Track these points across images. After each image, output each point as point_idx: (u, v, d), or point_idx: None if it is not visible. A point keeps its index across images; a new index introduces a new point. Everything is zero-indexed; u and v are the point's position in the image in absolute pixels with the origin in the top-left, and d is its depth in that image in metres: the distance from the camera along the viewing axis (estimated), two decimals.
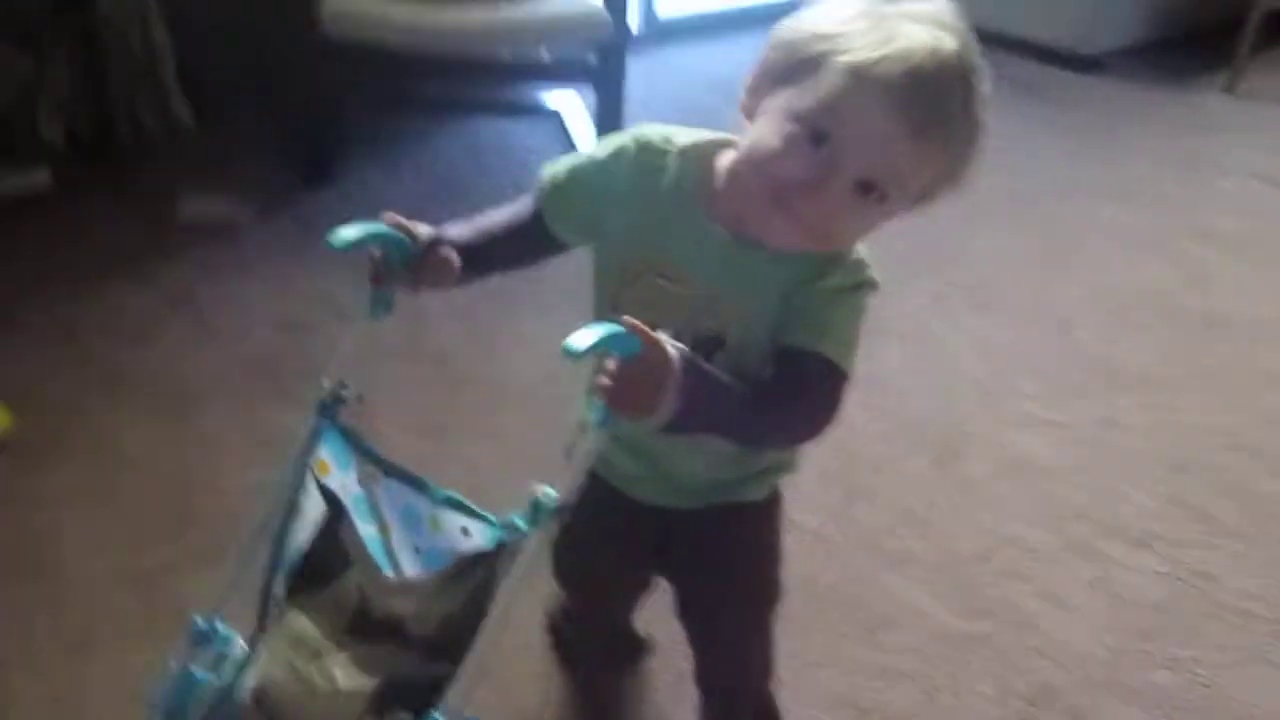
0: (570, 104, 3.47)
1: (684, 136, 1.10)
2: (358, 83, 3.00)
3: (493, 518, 1.02)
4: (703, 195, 1.05)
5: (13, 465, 1.93)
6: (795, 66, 0.96)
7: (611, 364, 0.90)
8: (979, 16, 1.00)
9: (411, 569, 1.03)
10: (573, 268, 1.14)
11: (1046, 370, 2.37)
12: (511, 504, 0.98)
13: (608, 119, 3.04)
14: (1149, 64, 4.29)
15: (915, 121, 0.92)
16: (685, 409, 0.90)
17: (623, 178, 1.09)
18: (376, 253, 1.06)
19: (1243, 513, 1.99)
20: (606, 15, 2.82)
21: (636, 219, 1.08)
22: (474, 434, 2.06)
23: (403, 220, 1.09)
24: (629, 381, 0.90)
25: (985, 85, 0.96)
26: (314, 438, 1.12)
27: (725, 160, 1.06)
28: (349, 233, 1.04)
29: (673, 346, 0.91)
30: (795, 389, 1.00)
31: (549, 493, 0.99)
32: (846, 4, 0.96)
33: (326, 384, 1.12)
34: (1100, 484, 2.03)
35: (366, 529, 1.09)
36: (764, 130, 0.97)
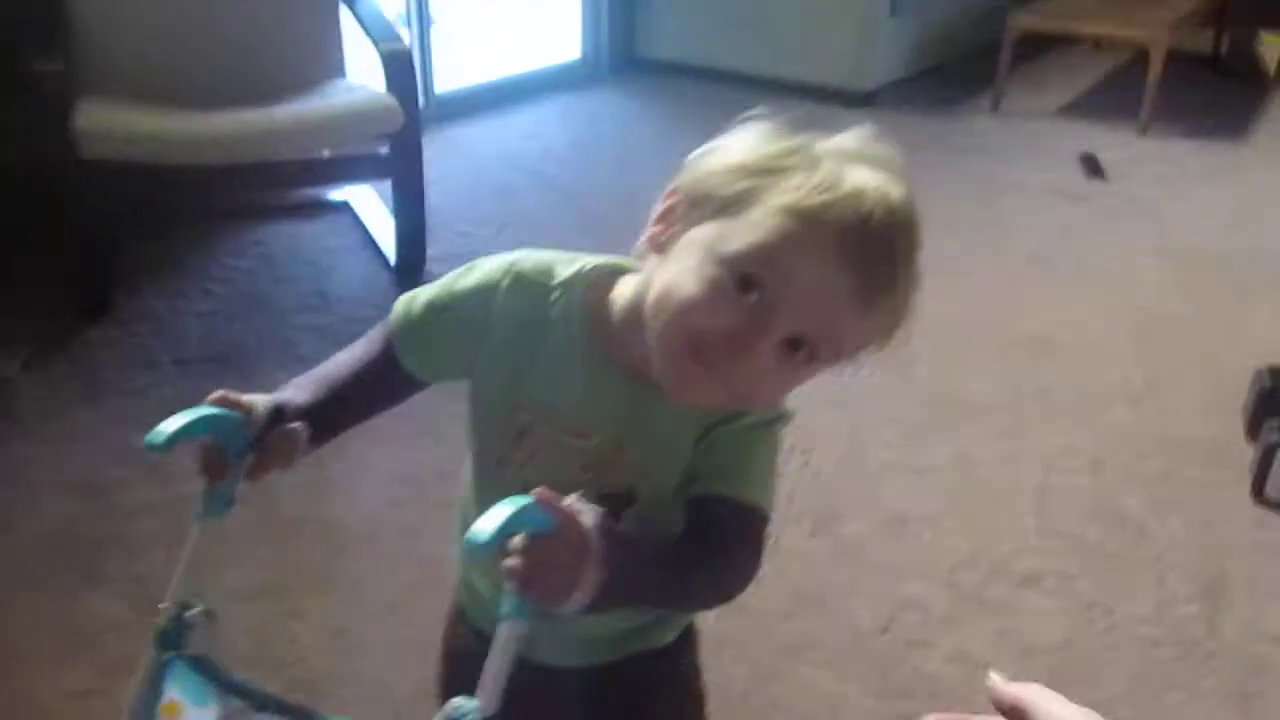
0: (360, 195, 3.30)
1: (565, 266, 0.96)
2: (126, 203, 2.72)
3: None
4: (596, 334, 0.92)
5: None
6: (721, 202, 0.84)
7: (519, 541, 0.77)
8: (754, 62, 0.91)
9: None
10: None
11: (899, 414, 2.35)
12: (388, 684, 0.82)
13: (409, 209, 2.88)
14: (919, 93, 4.48)
15: (864, 277, 0.80)
16: (607, 586, 0.78)
17: (495, 316, 0.94)
18: (208, 442, 0.89)
19: (1111, 533, 2.01)
20: (396, 104, 2.66)
21: (517, 364, 0.94)
22: (317, 588, 1.85)
23: (233, 395, 0.91)
24: (543, 563, 0.77)
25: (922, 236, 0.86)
26: (157, 675, 0.92)
27: (622, 291, 0.93)
28: (170, 426, 0.85)
29: (589, 515, 0.79)
30: (721, 542, 0.89)
31: (464, 707, 0.84)
32: (769, 137, 0.85)
33: (165, 607, 0.92)
34: (974, 525, 2.02)
35: None
36: (681, 271, 0.83)
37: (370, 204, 3.26)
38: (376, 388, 1.01)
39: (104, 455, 2.15)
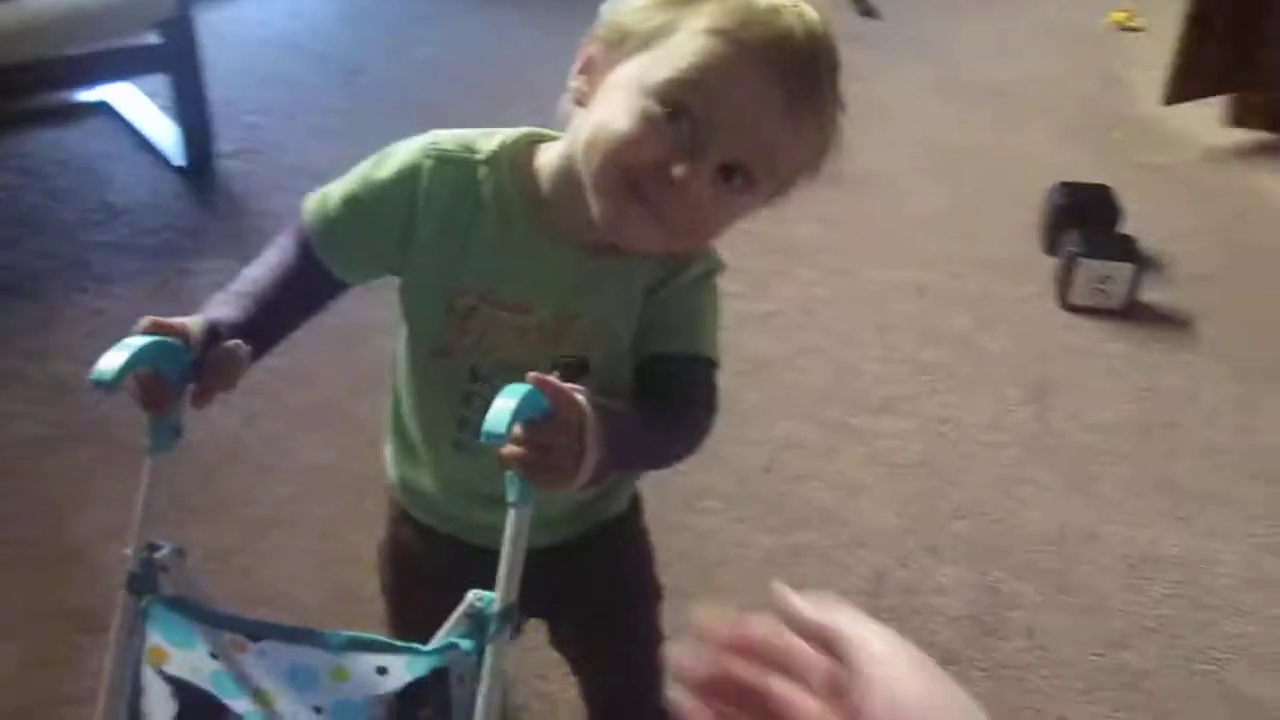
0: (118, 92, 2.99)
1: (485, 140, 0.94)
2: None
3: (417, 645, 0.86)
4: (531, 209, 0.91)
5: None
6: (640, 37, 0.83)
7: (519, 430, 0.77)
8: None
9: None
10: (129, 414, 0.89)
11: (741, 265, 2.41)
12: (295, 597, 0.82)
13: (190, 103, 2.65)
14: None
15: (790, 92, 0.81)
16: (605, 460, 0.80)
17: (421, 202, 0.92)
18: (145, 372, 0.84)
19: (946, 353, 2.17)
20: None
21: (451, 250, 0.92)
22: (192, 514, 1.76)
23: (165, 320, 0.86)
24: (545, 447, 0.78)
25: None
26: (136, 622, 0.88)
27: (548, 159, 0.92)
28: (114, 362, 0.80)
29: (581, 394, 0.79)
30: (687, 397, 0.93)
31: (485, 597, 0.84)
32: None
33: (130, 551, 0.88)
34: (825, 362, 2.13)
35: (239, 705, 0.89)
36: (609, 111, 0.83)
37: (132, 101, 2.97)
38: (303, 295, 0.96)
39: None
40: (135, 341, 0.82)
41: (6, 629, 1.56)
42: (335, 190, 0.95)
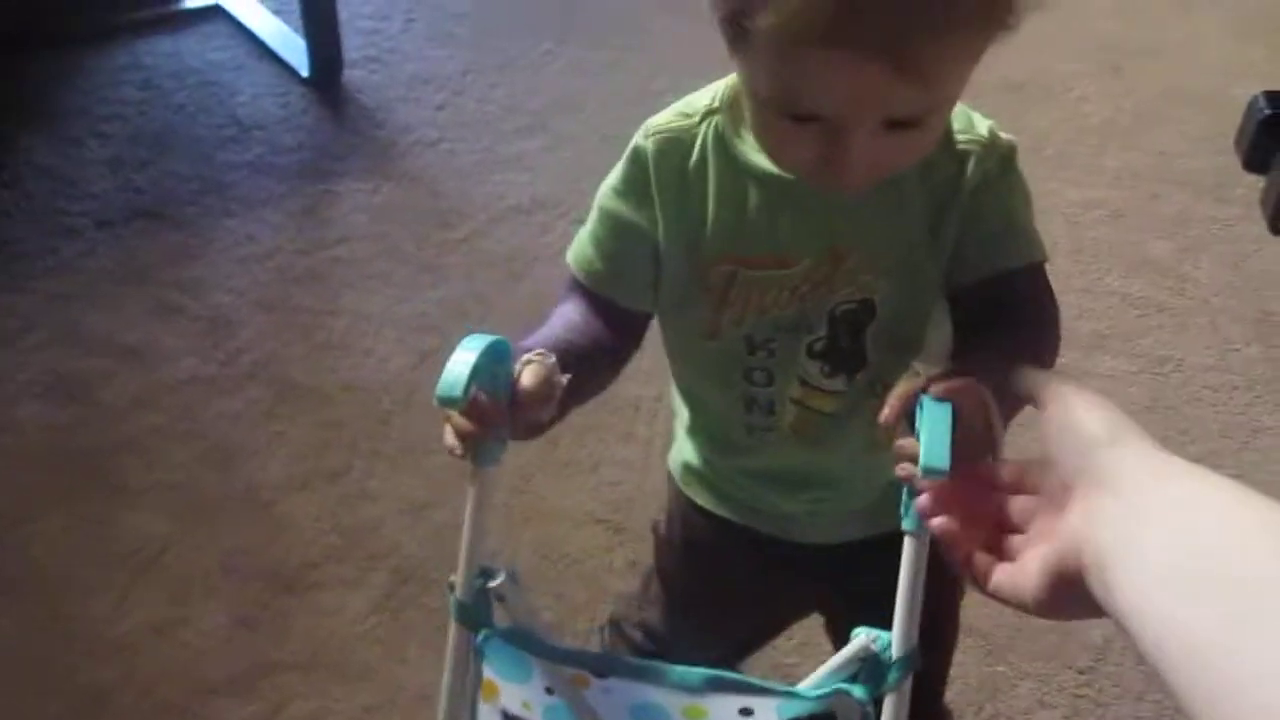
0: None
1: (701, 98, 0.85)
2: None
3: (793, 688, 0.76)
4: (752, 158, 0.82)
5: None
6: (724, 30, 0.71)
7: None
8: None
9: None
10: (297, 350, 0.82)
11: None
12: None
13: (316, 8, 2.49)
14: None
15: (881, 42, 0.64)
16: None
17: (655, 187, 0.84)
18: (481, 396, 0.73)
19: (1152, 284, 2.01)
20: None
21: (690, 219, 0.84)
22: (377, 465, 1.68)
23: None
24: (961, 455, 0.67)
25: None
26: (466, 659, 0.80)
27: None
28: (460, 372, 0.69)
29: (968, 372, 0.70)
30: (1033, 309, 0.82)
31: (880, 639, 0.74)
32: None
33: (458, 579, 0.78)
34: None
35: None
36: (749, 111, 0.77)
37: (245, 4, 2.82)
38: (601, 332, 0.86)
39: (62, 346, 1.85)
40: (475, 344, 0.71)
41: (207, 588, 1.50)
42: (584, 237, 0.88)
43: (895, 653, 0.73)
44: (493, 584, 0.78)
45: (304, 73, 2.54)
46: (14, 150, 2.31)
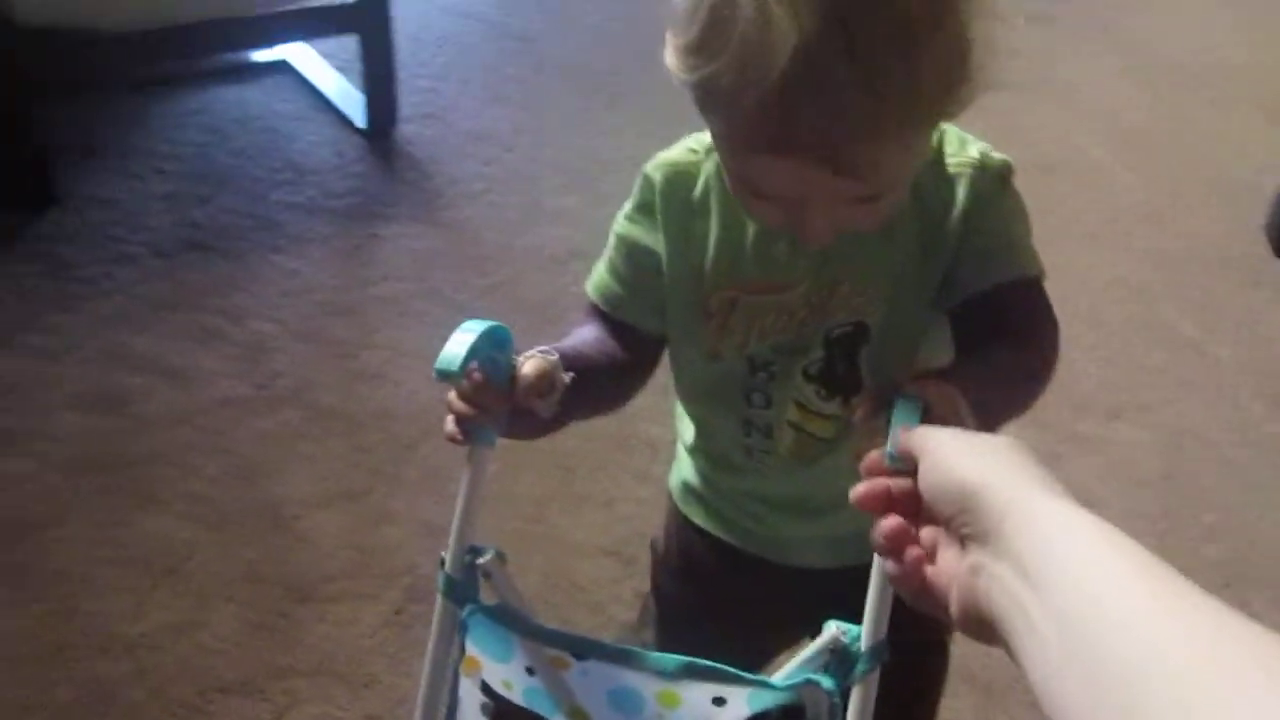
0: (296, 51, 2.98)
1: (707, 135, 0.86)
2: (60, 74, 2.39)
3: (765, 678, 0.77)
4: None
5: None
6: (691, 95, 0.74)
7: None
8: None
9: None
10: (329, 377, 0.87)
11: None
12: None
13: (379, 64, 2.62)
14: None
15: (827, 155, 0.68)
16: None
17: (660, 216, 0.88)
18: (478, 375, 0.76)
19: (1175, 358, 2.02)
20: None
21: (693, 248, 0.87)
22: (398, 487, 1.72)
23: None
24: None
25: None
26: (451, 632, 0.82)
27: None
28: (456, 349, 0.73)
29: (940, 384, 0.69)
30: (1026, 326, 0.81)
31: (850, 631, 0.75)
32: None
33: (448, 554, 0.81)
34: None
35: None
36: (724, 173, 0.81)
37: (310, 61, 2.96)
38: (614, 350, 0.89)
39: (107, 363, 1.93)
40: (475, 326, 0.75)
41: (222, 591, 1.54)
42: (600, 264, 0.92)
43: (864, 644, 0.74)
44: (481, 560, 0.80)
45: (360, 124, 2.66)
46: (82, 183, 2.43)
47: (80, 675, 1.43)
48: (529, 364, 0.76)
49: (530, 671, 0.81)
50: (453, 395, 0.77)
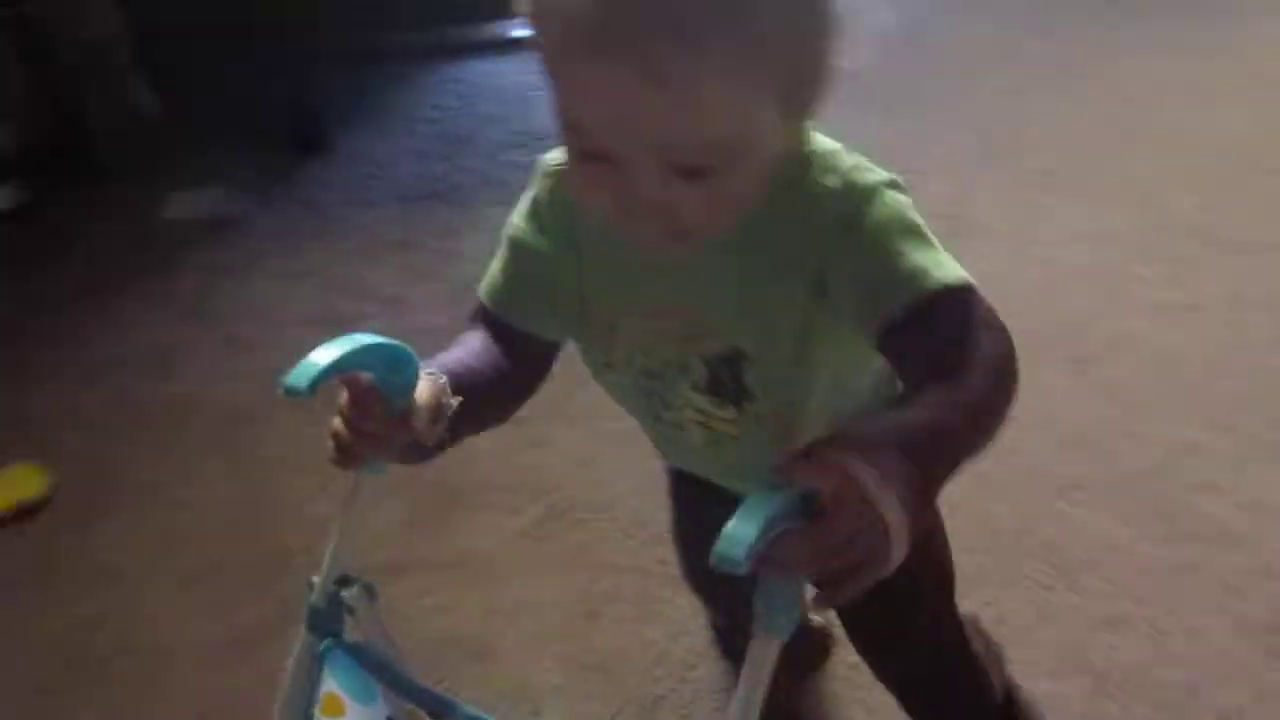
0: None
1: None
2: (341, 37, 2.70)
3: None
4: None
5: (61, 526, 1.70)
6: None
7: (796, 538, 0.57)
8: None
9: None
10: None
11: (1156, 249, 2.18)
12: (642, 520, 0.76)
13: None
14: None
15: (639, 53, 0.61)
16: (918, 497, 0.59)
17: (545, 224, 0.85)
18: (364, 383, 0.72)
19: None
20: None
21: (571, 264, 0.84)
22: (557, 418, 1.84)
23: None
24: (829, 550, 0.57)
25: None
26: (310, 666, 0.79)
27: None
28: (308, 370, 0.67)
29: (841, 448, 0.58)
30: (961, 345, 0.69)
31: None
32: None
33: (316, 582, 0.79)
34: (1252, 368, 1.85)
35: None
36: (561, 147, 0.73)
37: None
38: (510, 378, 0.86)
39: (340, 290, 2.18)
40: (343, 343, 0.69)
41: (390, 488, 1.72)
42: (494, 264, 0.89)
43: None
44: (345, 593, 0.78)
45: None
46: (348, 138, 2.74)
47: (264, 547, 1.64)
48: (421, 391, 0.73)
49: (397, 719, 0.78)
50: (338, 421, 0.72)
